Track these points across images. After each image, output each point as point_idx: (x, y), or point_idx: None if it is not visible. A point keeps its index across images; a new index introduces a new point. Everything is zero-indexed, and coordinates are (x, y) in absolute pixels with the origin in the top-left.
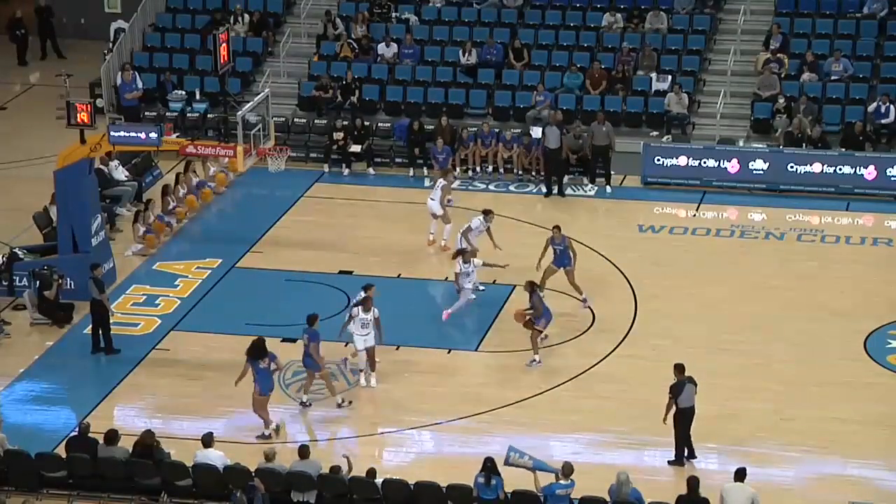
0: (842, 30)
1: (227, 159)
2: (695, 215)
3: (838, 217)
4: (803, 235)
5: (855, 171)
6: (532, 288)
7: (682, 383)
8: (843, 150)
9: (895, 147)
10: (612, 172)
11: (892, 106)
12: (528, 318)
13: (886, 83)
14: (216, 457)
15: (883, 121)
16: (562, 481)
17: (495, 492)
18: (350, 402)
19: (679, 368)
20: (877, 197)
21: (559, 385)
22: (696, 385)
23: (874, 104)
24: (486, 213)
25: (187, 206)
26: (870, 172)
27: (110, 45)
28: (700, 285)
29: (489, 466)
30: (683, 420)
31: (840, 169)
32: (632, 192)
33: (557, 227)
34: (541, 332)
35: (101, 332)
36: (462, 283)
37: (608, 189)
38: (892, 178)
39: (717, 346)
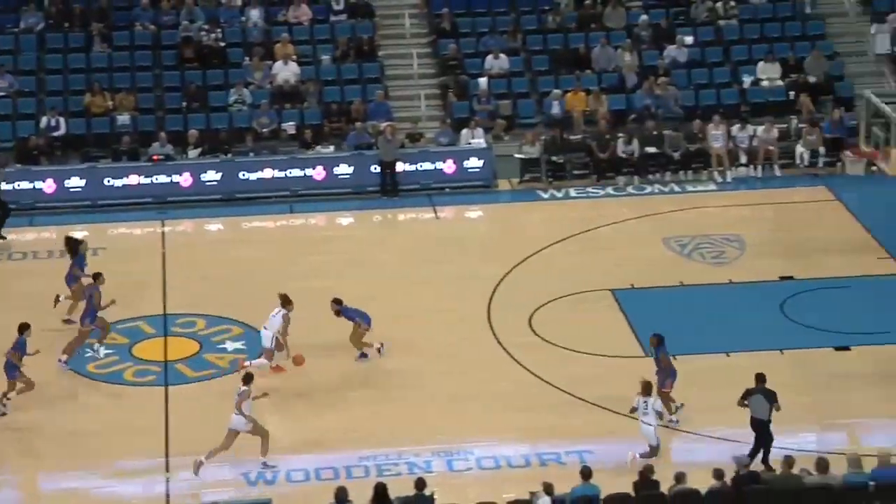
0: (2, 45)
1: None
2: None
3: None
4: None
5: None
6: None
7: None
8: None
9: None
10: None
11: (62, 119)
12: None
13: (53, 96)
14: None
15: (55, 134)
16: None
17: None
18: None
19: None
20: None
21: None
22: None
23: (44, 118)
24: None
25: None
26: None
27: None
28: None
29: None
30: None
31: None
32: None
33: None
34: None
35: None
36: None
37: None
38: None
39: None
